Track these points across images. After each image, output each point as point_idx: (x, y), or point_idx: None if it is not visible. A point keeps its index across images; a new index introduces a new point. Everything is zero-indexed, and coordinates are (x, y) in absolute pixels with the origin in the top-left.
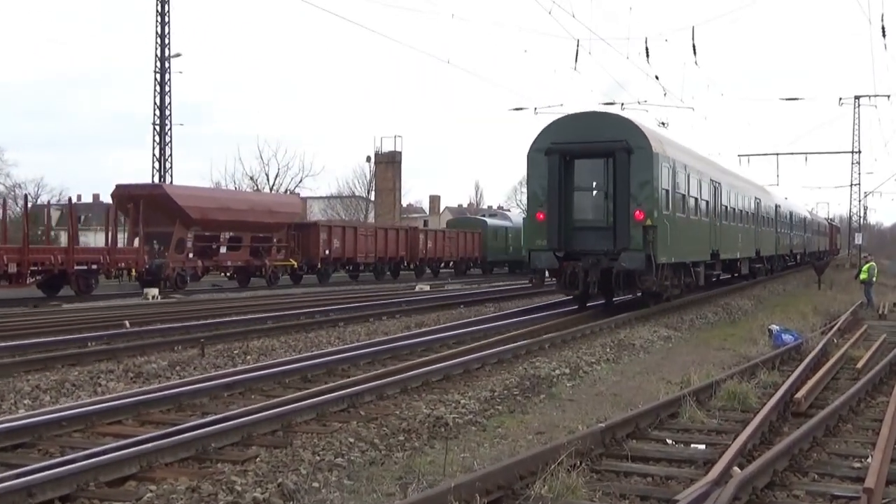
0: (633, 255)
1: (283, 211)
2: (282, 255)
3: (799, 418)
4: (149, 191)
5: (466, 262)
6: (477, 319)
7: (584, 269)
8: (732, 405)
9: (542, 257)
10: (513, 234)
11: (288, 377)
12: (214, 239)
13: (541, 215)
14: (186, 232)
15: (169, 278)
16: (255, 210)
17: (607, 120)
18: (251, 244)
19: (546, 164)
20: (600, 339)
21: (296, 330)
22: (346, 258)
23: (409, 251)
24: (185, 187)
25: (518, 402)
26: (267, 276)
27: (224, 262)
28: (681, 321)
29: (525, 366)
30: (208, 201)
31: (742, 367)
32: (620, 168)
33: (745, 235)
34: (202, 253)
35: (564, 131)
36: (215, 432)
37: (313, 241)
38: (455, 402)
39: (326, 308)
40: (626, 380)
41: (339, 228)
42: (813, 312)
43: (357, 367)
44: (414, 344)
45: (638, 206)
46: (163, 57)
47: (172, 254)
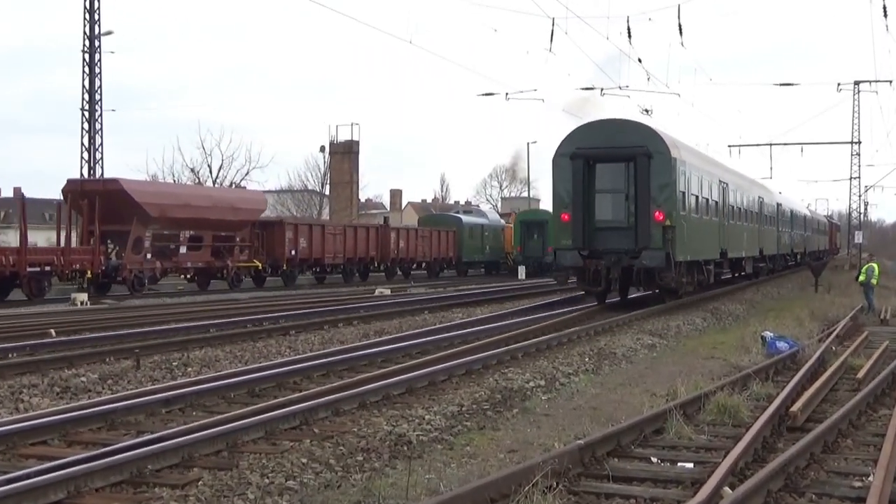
0: (654, 253)
1: (247, 208)
2: (245, 255)
3: (795, 433)
4: (103, 186)
5: (440, 262)
6: (443, 326)
7: (606, 267)
8: (722, 419)
9: (568, 256)
10: (490, 232)
11: (233, 391)
12: (174, 238)
13: (566, 216)
14: (144, 231)
15: (126, 281)
16: (217, 207)
17: (628, 126)
18: (213, 244)
19: (571, 168)
20: (578, 348)
21: (242, 339)
22: (314, 259)
23: (380, 251)
24: (142, 182)
25: (488, 418)
26: (229, 278)
27: (184, 264)
28: (666, 328)
29: (496, 377)
30: (168, 197)
31: (733, 377)
32: (641, 172)
33: (749, 235)
34: (161, 253)
35: (588, 137)
36: (152, 453)
37: (278, 240)
38: (419, 418)
39: (276, 314)
40: (607, 392)
41: (306, 227)
42: (809, 318)
43: (310, 380)
44: (373, 354)
45: (658, 208)
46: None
47: (129, 254)
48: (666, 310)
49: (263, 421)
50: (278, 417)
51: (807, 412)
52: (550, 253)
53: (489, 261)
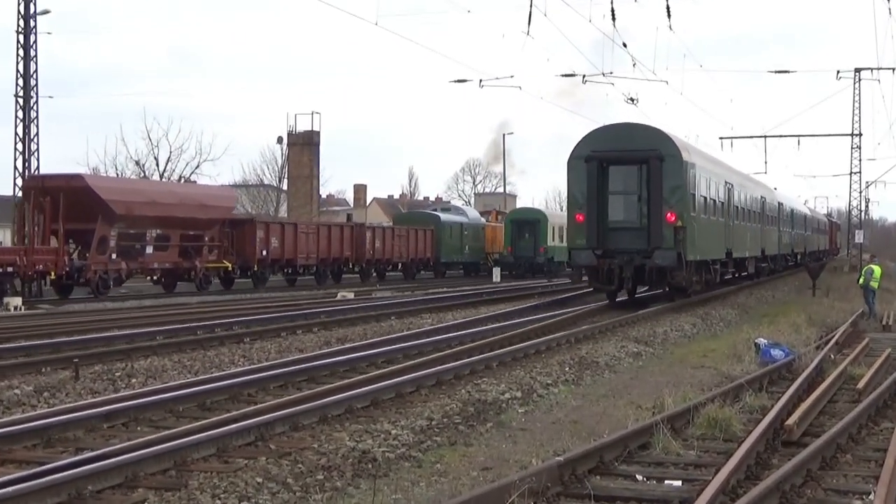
0: (666, 253)
1: (216, 205)
2: (214, 255)
3: (790, 448)
4: (67, 182)
5: (417, 264)
6: (411, 333)
7: (618, 266)
8: (713, 433)
9: (582, 255)
10: (469, 231)
11: (182, 404)
12: (140, 237)
13: (580, 217)
14: (109, 229)
15: (90, 282)
16: (185, 204)
17: (641, 130)
18: (180, 243)
19: (585, 170)
20: (558, 357)
21: (192, 347)
22: (286, 259)
23: (355, 251)
24: (108, 178)
25: (460, 433)
26: (197, 280)
27: (150, 265)
28: (653, 334)
29: (469, 388)
30: (134, 194)
31: (724, 388)
32: (654, 174)
33: (752, 235)
34: (126, 253)
35: (602, 140)
36: (93, 472)
37: (249, 240)
38: (385, 433)
39: (230, 320)
40: (589, 404)
41: (278, 226)
42: (806, 323)
43: (266, 392)
44: (335, 363)
45: (670, 209)
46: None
47: (94, 254)
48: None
49: (215, 437)
50: (231, 433)
51: (803, 426)
52: (543, 253)
53: (469, 262)
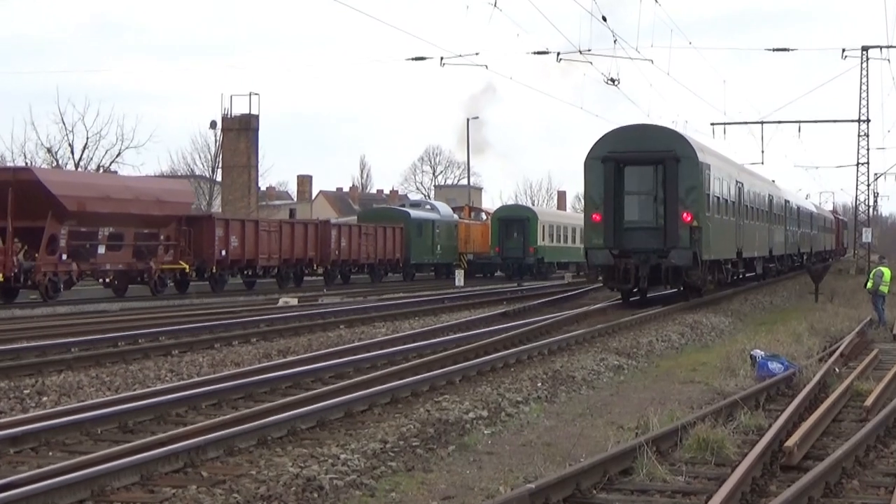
0: (682, 252)
1: (173, 201)
2: (170, 256)
3: (790, 473)
4: (13, 175)
5: (385, 265)
6: (363, 345)
7: (635, 266)
8: (704, 457)
9: (599, 255)
10: (442, 229)
11: (100, 426)
12: (92, 236)
13: (597, 217)
14: (59, 227)
15: (39, 285)
16: (140, 200)
17: (657, 132)
18: (134, 243)
19: (602, 171)
20: (529, 371)
21: (112, 360)
22: (246, 260)
23: (320, 252)
24: (58, 171)
25: (419, 457)
26: (152, 282)
27: (103, 266)
28: (636, 345)
29: (428, 407)
30: (86, 189)
31: (716, 405)
32: (670, 175)
33: (760, 234)
34: (77, 254)
35: (619, 141)
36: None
37: (207, 238)
38: (333, 458)
39: (155, 330)
40: (564, 424)
41: (238, 223)
42: (808, 332)
43: (197, 412)
44: (276, 378)
45: (686, 209)
46: None
47: (43, 255)
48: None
49: (138, 462)
50: (157, 458)
51: (805, 447)
52: (533, 254)
53: (441, 263)
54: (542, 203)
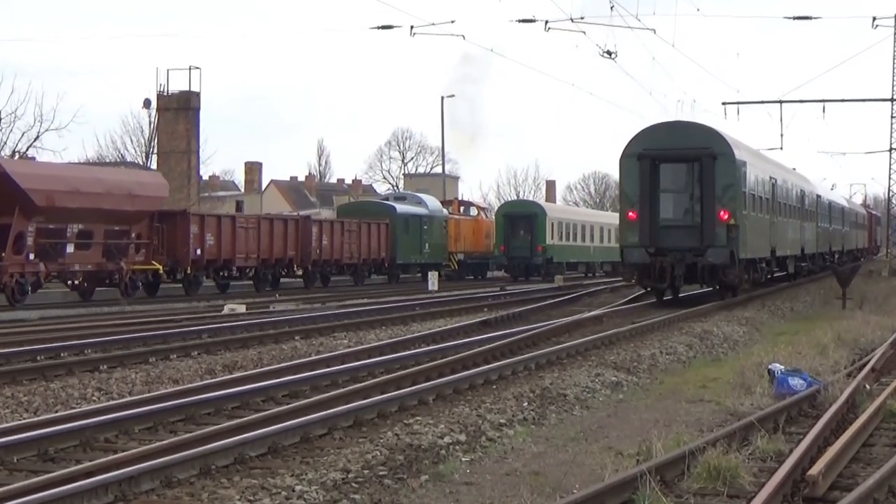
0: (719, 251)
1: (146, 195)
2: (142, 255)
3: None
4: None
5: (369, 265)
6: (321, 358)
7: (670, 264)
8: (714, 487)
9: (635, 253)
10: (430, 226)
11: (17, 453)
12: (60, 234)
13: (633, 214)
14: (27, 224)
15: (6, 288)
16: (111, 194)
17: (693, 128)
18: (104, 241)
19: (638, 169)
20: (514, 388)
21: (30, 377)
22: (223, 260)
23: (300, 251)
24: (24, 162)
25: (386, 488)
26: (123, 284)
27: (71, 266)
28: (636, 359)
29: (397, 430)
30: (55, 181)
31: (729, 428)
32: (706, 172)
33: (793, 232)
34: (45, 253)
35: (654, 138)
36: None
37: (181, 236)
38: (287, 490)
39: (81, 342)
40: (554, 450)
41: (214, 219)
42: (835, 344)
43: (129, 437)
44: (220, 398)
45: (723, 207)
46: None
47: (10, 254)
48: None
49: (61, 496)
50: (83, 491)
51: (831, 476)
52: (541, 253)
53: (429, 263)
54: (527, 193)
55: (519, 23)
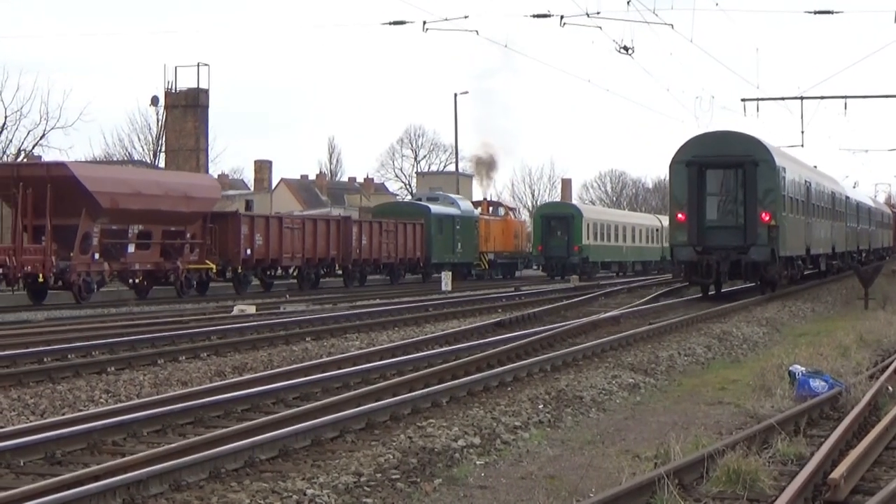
0: (761, 249)
1: (201, 196)
2: (195, 255)
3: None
4: (47, 171)
5: (405, 265)
6: (332, 360)
7: (716, 262)
8: (734, 491)
9: (684, 252)
10: (462, 226)
11: (23, 457)
12: (122, 234)
13: (682, 216)
14: (92, 225)
15: (73, 286)
16: (169, 196)
17: (736, 137)
18: (162, 241)
19: (686, 174)
20: (529, 390)
21: (36, 379)
22: (270, 259)
23: (341, 250)
24: (90, 165)
25: (399, 492)
26: (178, 283)
27: (132, 265)
28: (654, 360)
29: (410, 433)
30: (119, 184)
31: (749, 431)
32: (749, 178)
33: (825, 231)
34: (108, 253)
35: (702, 147)
36: None
37: (232, 237)
38: (298, 494)
39: (87, 343)
40: (570, 453)
41: (263, 220)
42: (857, 345)
43: (138, 440)
44: (230, 400)
45: (764, 209)
46: None
47: (78, 254)
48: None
49: (68, 500)
50: (90, 494)
51: (853, 480)
52: (577, 252)
53: (461, 263)
54: (543, 192)
55: (534, 18)
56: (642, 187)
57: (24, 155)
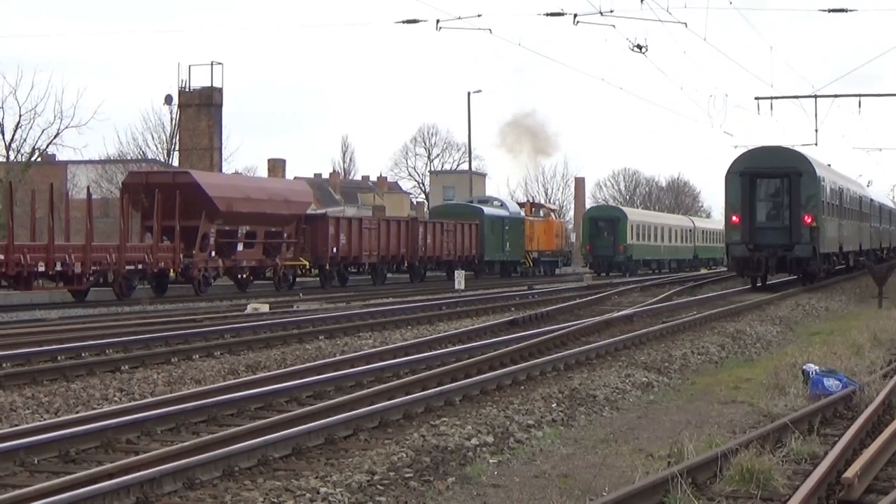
0: (804, 247)
1: (297, 200)
2: (290, 253)
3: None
4: (173, 178)
5: (461, 262)
6: (345, 358)
7: (765, 258)
8: (748, 490)
9: (737, 249)
10: (510, 226)
11: (38, 454)
12: (233, 234)
13: (736, 219)
14: (210, 226)
15: (194, 280)
16: (272, 200)
17: (783, 152)
18: (265, 240)
19: (740, 183)
20: (542, 389)
21: (50, 378)
22: (353, 256)
23: (409, 248)
24: (211, 174)
25: (412, 491)
26: (277, 277)
27: (241, 262)
28: (668, 359)
29: (423, 432)
30: (233, 190)
31: (762, 430)
32: (794, 186)
33: (854, 231)
34: (221, 251)
35: (753, 160)
36: None
37: (321, 236)
38: (311, 492)
39: (102, 342)
40: (584, 452)
41: (346, 221)
42: (871, 344)
43: (151, 438)
44: (243, 398)
45: (807, 213)
46: None
47: (198, 252)
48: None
49: (83, 497)
50: (104, 492)
51: (867, 479)
52: (622, 251)
53: (508, 260)
54: (556, 191)
55: (547, 16)
56: (655, 186)
57: (38, 154)
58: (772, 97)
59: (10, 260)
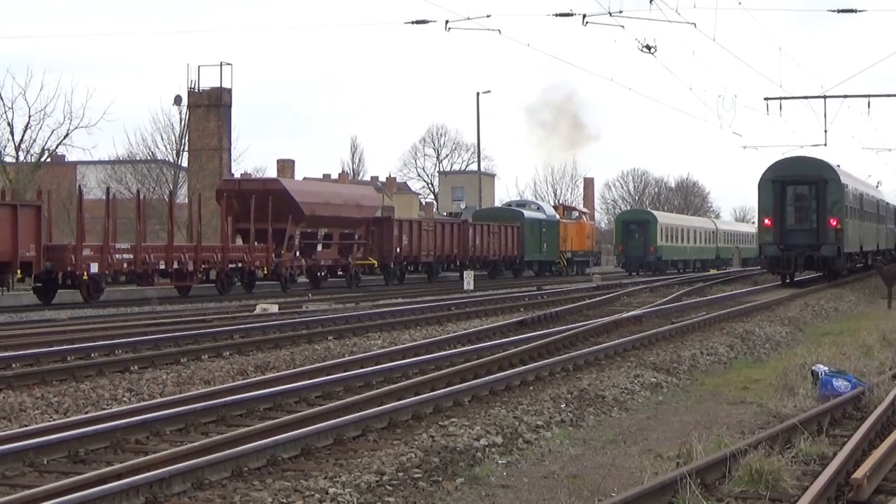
0: (830, 247)
1: (368, 205)
2: (360, 253)
3: None
4: (263, 185)
5: (504, 262)
6: (354, 359)
7: (794, 257)
8: (756, 490)
9: (769, 249)
10: (547, 229)
11: (47, 455)
12: (313, 236)
13: (768, 222)
14: (295, 229)
15: (281, 277)
16: (347, 205)
17: (811, 161)
18: (340, 241)
19: (771, 189)
20: (551, 389)
21: (60, 378)
22: (413, 256)
23: (461, 249)
24: (297, 181)
25: (421, 491)
26: (349, 275)
27: (320, 261)
28: (677, 359)
29: (432, 432)
30: (315, 196)
31: (771, 430)
32: (821, 192)
33: (872, 232)
34: (304, 251)
35: (783, 168)
36: None
37: (387, 238)
38: (320, 492)
39: (111, 342)
40: (592, 453)
41: (408, 223)
42: (880, 344)
43: (161, 439)
44: (252, 399)
45: (832, 216)
46: None
47: (285, 252)
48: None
49: (92, 497)
50: (113, 493)
51: (876, 480)
52: (653, 252)
53: (545, 260)
54: (565, 191)
55: (556, 17)
56: (664, 186)
57: (47, 154)
58: (781, 97)
59: (138, 259)
